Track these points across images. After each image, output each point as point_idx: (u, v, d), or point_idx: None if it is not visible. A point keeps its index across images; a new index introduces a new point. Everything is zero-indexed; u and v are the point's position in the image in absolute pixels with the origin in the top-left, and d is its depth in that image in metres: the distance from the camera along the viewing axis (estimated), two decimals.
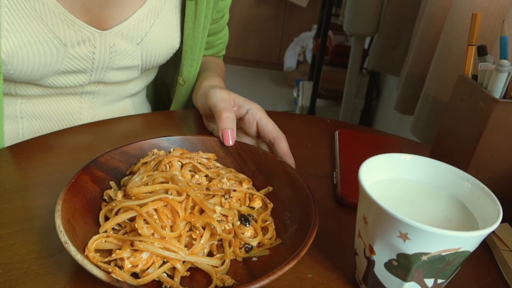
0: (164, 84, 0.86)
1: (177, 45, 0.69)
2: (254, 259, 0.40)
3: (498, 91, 0.46)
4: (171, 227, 0.38)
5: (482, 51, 0.49)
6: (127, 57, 0.63)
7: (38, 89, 0.60)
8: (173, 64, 0.76)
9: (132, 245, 0.36)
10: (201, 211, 0.40)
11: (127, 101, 0.74)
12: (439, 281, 0.34)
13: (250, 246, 0.41)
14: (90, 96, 0.66)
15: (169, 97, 0.85)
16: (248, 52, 3.43)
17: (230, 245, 0.40)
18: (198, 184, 0.44)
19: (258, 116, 0.55)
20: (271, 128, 0.54)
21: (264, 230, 0.43)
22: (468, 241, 0.31)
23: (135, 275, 0.36)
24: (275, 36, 3.36)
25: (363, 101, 2.20)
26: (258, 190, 0.48)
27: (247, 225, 0.42)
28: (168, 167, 0.45)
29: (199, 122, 0.66)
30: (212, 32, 0.77)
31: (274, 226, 0.44)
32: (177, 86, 0.74)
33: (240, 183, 0.46)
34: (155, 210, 0.38)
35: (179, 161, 0.46)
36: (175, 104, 0.76)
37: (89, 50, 0.58)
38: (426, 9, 0.98)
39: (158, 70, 0.82)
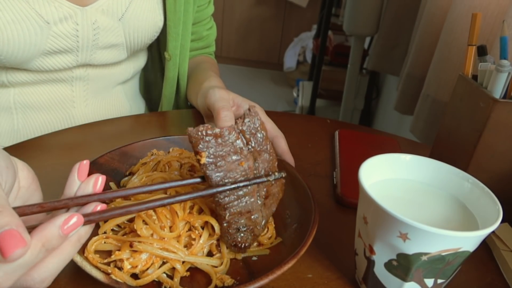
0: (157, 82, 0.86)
1: (160, 23, 0.70)
2: (254, 258, 0.40)
3: (498, 91, 0.46)
4: (170, 227, 0.38)
5: (482, 51, 0.49)
6: (110, 33, 0.63)
7: (28, 75, 0.61)
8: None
9: (131, 246, 0.36)
10: (200, 211, 0.40)
11: (119, 89, 0.74)
12: (439, 281, 0.34)
13: None
14: (81, 83, 0.67)
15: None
16: (248, 52, 3.43)
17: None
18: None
19: None
20: (269, 127, 0.54)
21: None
22: (468, 241, 0.31)
23: (134, 276, 0.36)
24: (275, 36, 3.36)
25: (363, 101, 2.20)
26: None
27: None
28: (167, 167, 0.45)
29: (199, 122, 0.66)
30: (197, 21, 0.79)
31: (274, 225, 0.43)
32: (164, 62, 0.75)
33: None
34: (154, 210, 0.38)
35: (178, 161, 0.46)
36: (166, 81, 0.77)
37: (72, 28, 0.59)
38: (426, 9, 0.98)
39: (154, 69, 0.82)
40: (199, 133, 0.36)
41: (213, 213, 0.40)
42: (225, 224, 0.38)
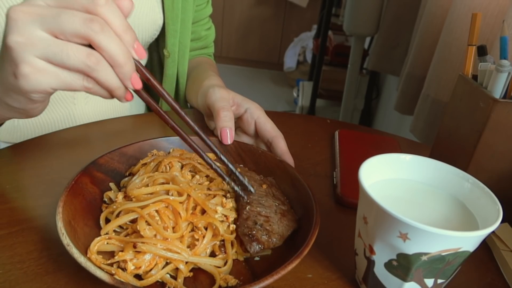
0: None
1: (160, 21, 0.70)
2: (257, 258, 0.40)
3: (498, 91, 0.46)
4: (173, 228, 0.38)
5: (482, 51, 0.49)
6: None
7: None
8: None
9: (134, 246, 0.36)
10: (203, 212, 0.40)
11: None
12: (439, 281, 0.34)
13: None
14: None
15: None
16: (248, 52, 3.43)
17: (232, 245, 0.40)
18: (199, 184, 0.44)
19: (256, 115, 0.55)
20: (269, 128, 0.54)
21: None
22: (468, 241, 0.31)
23: (138, 277, 0.36)
24: (275, 36, 3.36)
25: (363, 101, 2.20)
26: None
27: None
28: (168, 167, 0.45)
29: (199, 122, 0.66)
30: (196, 20, 0.80)
31: None
32: (164, 60, 0.76)
33: None
34: (157, 211, 0.38)
35: (179, 162, 0.46)
36: (165, 79, 0.77)
37: None
38: (426, 9, 0.98)
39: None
40: None
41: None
42: (244, 215, 0.41)
